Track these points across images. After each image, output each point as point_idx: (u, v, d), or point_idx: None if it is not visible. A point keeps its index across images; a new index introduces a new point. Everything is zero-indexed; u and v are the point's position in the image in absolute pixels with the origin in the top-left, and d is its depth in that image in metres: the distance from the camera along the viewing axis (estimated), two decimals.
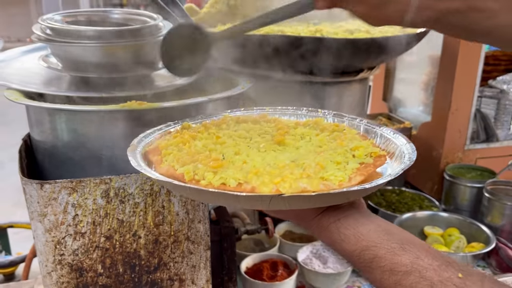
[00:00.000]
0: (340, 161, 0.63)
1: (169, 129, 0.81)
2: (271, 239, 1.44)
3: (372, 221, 0.60)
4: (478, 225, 1.46)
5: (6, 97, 0.93)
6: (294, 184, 0.57)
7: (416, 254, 0.53)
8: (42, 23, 1.05)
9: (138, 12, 1.22)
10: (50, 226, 0.81)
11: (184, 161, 0.64)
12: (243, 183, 0.58)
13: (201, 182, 0.59)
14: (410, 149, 0.68)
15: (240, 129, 0.77)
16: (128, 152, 0.69)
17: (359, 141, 0.71)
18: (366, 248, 0.56)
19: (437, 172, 1.71)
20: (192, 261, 0.91)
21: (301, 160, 0.63)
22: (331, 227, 0.60)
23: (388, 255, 0.54)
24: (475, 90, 1.61)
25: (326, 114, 0.86)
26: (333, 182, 0.58)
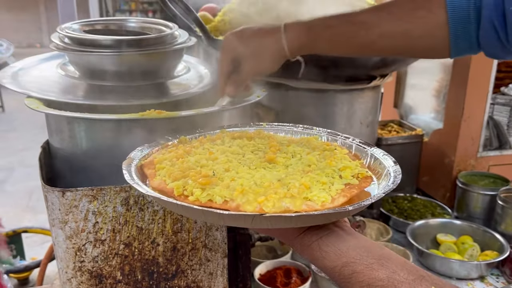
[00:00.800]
0: (325, 182, 0.64)
1: (166, 142, 0.83)
2: (284, 246, 1.45)
3: (353, 237, 0.61)
4: (492, 233, 1.45)
5: (27, 105, 0.94)
6: (277, 204, 0.58)
7: (392, 269, 0.55)
8: (61, 32, 1.07)
9: (154, 21, 1.23)
10: (71, 233, 0.82)
11: (175, 176, 0.65)
12: (229, 201, 0.59)
13: (189, 198, 0.61)
14: (397, 171, 0.69)
15: (234, 145, 0.78)
16: (123, 165, 0.71)
17: (348, 161, 0.72)
18: (346, 264, 0.57)
19: (449, 179, 1.71)
20: (209, 268, 0.92)
21: (287, 180, 0.64)
22: (313, 245, 0.61)
23: (366, 270, 0.56)
24: (488, 97, 1.61)
25: (321, 132, 0.87)
26: (316, 202, 0.59)
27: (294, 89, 1.39)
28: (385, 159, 0.74)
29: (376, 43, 0.86)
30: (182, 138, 0.84)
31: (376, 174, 0.73)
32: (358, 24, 0.86)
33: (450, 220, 1.54)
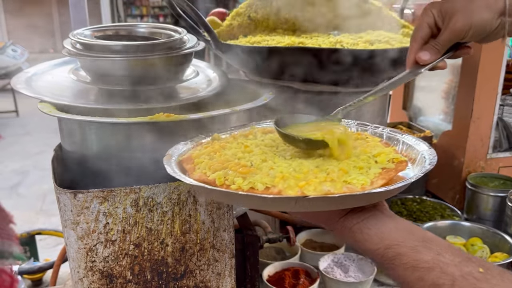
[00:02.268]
0: (362, 166, 0.66)
1: (200, 140, 0.85)
2: (292, 248, 1.46)
3: (394, 220, 0.62)
4: (502, 235, 1.44)
5: (40, 109, 0.97)
6: (318, 187, 0.60)
7: (437, 251, 0.55)
8: (73, 38, 1.10)
9: (164, 26, 1.25)
10: (82, 233, 0.84)
11: (215, 168, 0.68)
12: (270, 187, 0.61)
13: (231, 186, 0.63)
14: (431, 154, 0.71)
15: (266, 138, 0.80)
16: (164, 160, 0.74)
17: (381, 148, 0.73)
18: (389, 246, 0.58)
19: (458, 181, 1.70)
20: (217, 269, 0.94)
21: (325, 166, 0.66)
22: (354, 228, 0.62)
23: (410, 252, 0.56)
24: (497, 98, 1.61)
25: (350, 124, 0.88)
26: (355, 185, 0.61)
27: (302, 92, 1.41)
28: (418, 144, 0.76)
29: None
30: (215, 135, 0.86)
31: (409, 159, 0.74)
32: None
33: (459, 222, 1.53)
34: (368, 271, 1.32)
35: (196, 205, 0.88)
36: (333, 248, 1.48)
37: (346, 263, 1.36)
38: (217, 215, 0.90)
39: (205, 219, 0.89)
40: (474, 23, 0.75)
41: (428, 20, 0.79)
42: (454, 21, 0.76)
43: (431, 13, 0.79)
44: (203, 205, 0.88)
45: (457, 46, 0.81)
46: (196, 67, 1.32)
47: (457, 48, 0.81)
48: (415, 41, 0.80)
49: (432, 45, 0.79)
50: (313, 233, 1.55)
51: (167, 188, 0.86)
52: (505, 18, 0.75)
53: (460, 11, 0.75)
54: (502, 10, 0.74)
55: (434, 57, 0.79)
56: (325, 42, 1.35)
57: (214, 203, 0.89)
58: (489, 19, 0.75)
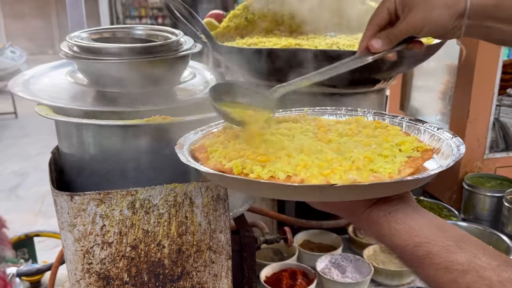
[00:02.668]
0: (387, 155, 0.63)
1: (211, 129, 0.82)
2: (290, 249, 1.46)
3: (424, 216, 0.59)
4: (499, 235, 1.45)
5: (37, 112, 0.97)
6: (344, 176, 0.57)
7: (473, 253, 0.52)
8: (70, 40, 1.10)
9: (161, 28, 1.26)
10: (79, 236, 0.84)
11: (231, 157, 0.64)
12: (292, 176, 0.58)
13: (250, 175, 0.60)
14: (457, 142, 0.68)
15: (281, 127, 0.76)
16: (176, 149, 0.71)
17: (403, 136, 0.70)
18: (419, 244, 0.55)
19: (456, 181, 1.71)
20: (214, 270, 0.94)
21: (348, 154, 0.62)
22: (381, 221, 0.59)
23: (443, 252, 0.53)
24: (493, 99, 1.61)
25: (366, 113, 0.85)
26: (383, 174, 0.58)
27: (299, 93, 1.41)
28: (441, 132, 0.72)
29: None
30: (227, 125, 0.81)
31: (433, 148, 0.71)
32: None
33: (456, 222, 1.54)
34: (365, 272, 1.32)
35: (193, 207, 0.88)
36: (331, 249, 1.48)
37: (343, 263, 1.36)
38: (213, 217, 0.90)
39: (202, 220, 0.90)
40: (432, 20, 0.75)
41: (389, 5, 0.78)
42: (413, 14, 0.75)
43: (390, 2, 0.78)
44: (199, 206, 0.89)
45: (410, 39, 0.80)
46: (193, 69, 1.32)
47: (410, 41, 0.80)
48: (371, 27, 0.79)
49: (386, 34, 0.78)
50: (310, 234, 1.56)
51: (163, 190, 0.86)
52: (463, 20, 0.75)
53: (420, 6, 0.75)
54: (462, 12, 0.74)
55: (385, 46, 0.78)
56: (321, 44, 1.36)
57: (210, 204, 0.89)
58: (447, 19, 0.74)
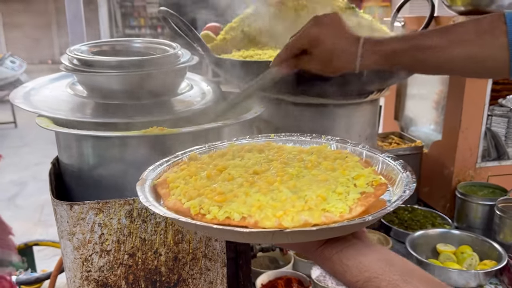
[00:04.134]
0: (341, 192, 0.64)
1: (177, 160, 0.83)
2: (286, 257, 1.48)
3: (374, 250, 0.62)
4: (491, 242, 1.47)
5: (38, 124, 1.00)
6: (296, 217, 0.58)
7: (416, 286, 0.55)
8: (70, 54, 1.14)
9: (159, 41, 1.29)
10: (78, 244, 0.87)
11: (190, 195, 0.66)
12: (246, 217, 0.59)
13: (207, 216, 0.61)
14: (408, 177, 0.69)
15: (245, 158, 0.78)
16: (137, 186, 0.72)
17: (361, 168, 0.72)
18: (369, 279, 0.58)
19: (449, 190, 1.73)
20: (209, 277, 0.96)
21: (303, 192, 0.64)
22: (333, 258, 0.62)
23: (390, 286, 0.56)
24: (485, 109, 1.65)
25: (330, 140, 0.87)
26: (334, 213, 0.60)
27: (293, 104, 1.44)
28: (397, 164, 0.74)
29: (443, 67, 0.93)
30: (192, 155, 0.84)
31: (389, 180, 0.72)
32: (427, 49, 0.91)
33: (449, 230, 1.56)
34: None
35: None
36: None
37: None
38: None
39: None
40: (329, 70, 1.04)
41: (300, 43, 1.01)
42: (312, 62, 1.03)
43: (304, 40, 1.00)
44: None
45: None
46: (191, 81, 1.36)
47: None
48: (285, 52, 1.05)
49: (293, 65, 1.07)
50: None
51: None
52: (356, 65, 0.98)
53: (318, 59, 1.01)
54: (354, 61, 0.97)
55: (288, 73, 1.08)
56: None
57: None
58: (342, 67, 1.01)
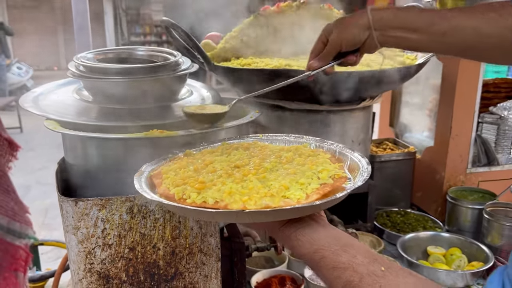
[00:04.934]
0: (303, 182, 0.75)
1: (174, 156, 0.95)
2: (281, 257, 1.54)
3: (326, 229, 0.72)
4: (478, 245, 1.53)
5: (46, 126, 1.07)
6: (258, 202, 0.69)
7: (352, 254, 0.66)
8: (76, 61, 1.21)
9: (161, 50, 1.36)
10: (82, 238, 0.93)
11: (177, 183, 0.77)
12: (219, 201, 0.70)
13: (187, 200, 0.72)
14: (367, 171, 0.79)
15: (231, 155, 0.90)
16: (134, 176, 0.83)
17: (329, 164, 0.82)
18: (316, 250, 0.69)
19: (440, 194, 1.79)
20: (204, 271, 1.02)
21: (269, 182, 0.75)
22: (291, 236, 0.72)
23: (331, 255, 0.67)
24: (475, 116, 1.70)
25: (310, 140, 0.98)
26: (292, 199, 0.70)
27: (289, 110, 1.51)
28: (360, 160, 0.85)
29: (447, 34, 0.92)
30: (187, 152, 0.96)
31: (353, 173, 0.83)
32: (434, 13, 0.94)
33: (439, 233, 1.62)
34: None
35: None
36: None
37: None
38: (204, 222, 0.99)
39: (194, 225, 0.98)
40: (344, 36, 0.97)
41: (321, 37, 1.02)
42: (332, 36, 0.98)
43: (323, 32, 1.01)
44: None
45: (345, 55, 1.01)
46: (191, 87, 1.42)
47: (344, 57, 1.02)
48: (311, 54, 1.05)
49: (320, 55, 1.03)
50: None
51: None
52: (372, 31, 0.95)
53: (335, 28, 0.98)
54: (367, 25, 0.95)
55: (321, 63, 1.03)
56: None
57: None
58: (356, 32, 0.96)
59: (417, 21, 0.93)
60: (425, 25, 0.92)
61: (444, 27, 0.91)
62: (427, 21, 0.92)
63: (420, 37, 0.93)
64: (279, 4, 1.70)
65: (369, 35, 0.96)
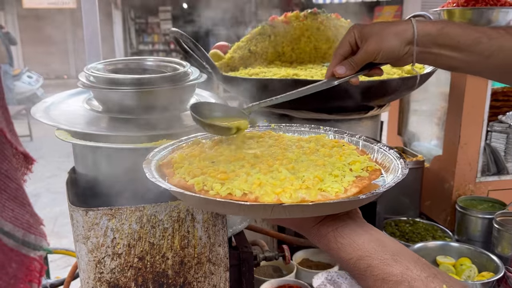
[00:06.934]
0: (337, 174, 0.70)
1: (181, 144, 0.89)
2: (289, 266, 1.54)
3: (367, 231, 0.67)
4: (489, 255, 1.51)
5: (57, 136, 1.09)
6: (294, 194, 0.64)
7: (406, 265, 0.60)
8: (87, 71, 1.22)
9: (170, 60, 1.38)
10: (92, 247, 0.94)
11: (194, 174, 0.71)
12: (247, 193, 0.64)
13: (210, 192, 0.66)
14: (402, 164, 0.74)
15: (247, 144, 0.84)
16: (143, 165, 0.77)
17: (356, 156, 0.77)
18: (361, 257, 0.63)
19: (449, 203, 1.78)
20: (213, 281, 1.03)
21: (301, 173, 0.69)
22: (329, 236, 0.66)
23: (381, 265, 0.61)
24: (483, 124, 1.70)
25: (328, 131, 0.93)
26: (330, 193, 0.65)
27: (297, 119, 1.51)
28: (392, 153, 0.80)
29: (494, 55, 0.85)
30: (196, 140, 0.90)
31: (384, 167, 0.78)
32: (482, 32, 0.86)
33: (449, 243, 1.60)
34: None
35: (194, 222, 0.98)
36: (328, 267, 1.55)
37: (339, 280, 1.43)
38: (213, 231, 0.99)
39: (202, 235, 0.99)
40: (383, 48, 0.86)
41: (350, 39, 0.91)
42: (368, 43, 0.87)
43: (353, 33, 0.90)
44: (200, 222, 0.98)
45: (372, 66, 0.92)
46: (199, 97, 1.43)
47: (371, 67, 0.92)
48: (336, 56, 0.92)
49: (349, 61, 0.90)
50: (309, 253, 1.63)
51: (168, 207, 0.96)
52: (413, 47, 0.86)
53: (374, 36, 0.87)
54: (410, 39, 0.86)
55: (348, 72, 0.90)
56: (317, 74, 1.46)
57: (210, 220, 0.98)
58: (397, 46, 0.86)
59: (463, 39, 0.85)
60: (471, 44, 0.85)
61: (490, 47, 0.84)
62: (474, 40, 0.85)
63: (463, 56, 0.86)
64: (287, 14, 1.72)
65: (409, 50, 0.87)
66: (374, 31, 0.87)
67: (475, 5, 1.57)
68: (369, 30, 0.88)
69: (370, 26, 0.89)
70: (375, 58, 0.88)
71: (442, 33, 0.85)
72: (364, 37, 0.88)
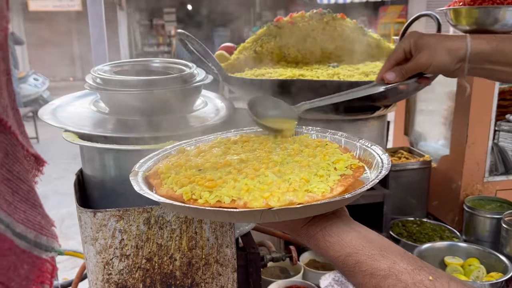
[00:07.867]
0: (322, 174, 0.70)
1: (166, 153, 0.89)
2: (296, 267, 1.54)
3: (354, 228, 0.67)
4: (497, 255, 1.50)
5: (65, 138, 1.09)
6: (281, 198, 0.64)
7: (393, 260, 0.61)
8: (93, 73, 1.23)
9: (176, 61, 1.38)
10: (100, 249, 0.94)
11: (182, 183, 0.71)
12: (236, 200, 0.65)
13: (199, 201, 0.66)
14: (385, 159, 0.75)
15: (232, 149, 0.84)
16: (130, 177, 0.77)
17: (339, 154, 0.78)
18: (349, 254, 0.63)
19: (457, 203, 1.77)
20: (221, 282, 1.03)
21: (287, 176, 0.70)
22: (317, 236, 0.67)
23: (368, 260, 0.62)
24: (491, 124, 1.69)
25: (310, 131, 0.94)
26: (316, 193, 0.66)
27: (302, 120, 1.50)
28: (374, 149, 0.80)
29: None
30: (181, 148, 0.91)
31: (367, 164, 0.79)
32: None
33: (457, 243, 1.60)
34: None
35: (202, 223, 0.98)
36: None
37: (345, 281, 1.43)
38: (220, 232, 0.99)
39: (210, 236, 0.99)
40: (434, 62, 0.89)
41: (405, 46, 0.94)
42: (420, 55, 0.90)
43: (408, 41, 0.93)
44: (207, 223, 0.98)
45: (420, 75, 0.95)
46: (206, 98, 1.44)
47: (420, 77, 0.95)
48: (388, 61, 0.95)
49: (399, 69, 0.93)
50: (316, 254, 1.63)
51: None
52: (465, 64, 0.88)
53: (427, 49, 0.89)
54: (463, 57, 0.88)
55: (397, 79, 0.94)
56: (323, 74, 1.46)
57: (217, 221, 0.98)
58: (448, 62, 0.89)
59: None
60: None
61: None
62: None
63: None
64: (292, 14, 1.72)
65: (460, 66, 0.89)
66: (428, 43, 0.90)
67: (481, 4, 1.56)
68: (425, 41, 0.91)
69: (427, 37, 0.92)
70: (425, 70, 0.92)
71: (496, 50, 0.87)
72: (418, 47, 0.91)
